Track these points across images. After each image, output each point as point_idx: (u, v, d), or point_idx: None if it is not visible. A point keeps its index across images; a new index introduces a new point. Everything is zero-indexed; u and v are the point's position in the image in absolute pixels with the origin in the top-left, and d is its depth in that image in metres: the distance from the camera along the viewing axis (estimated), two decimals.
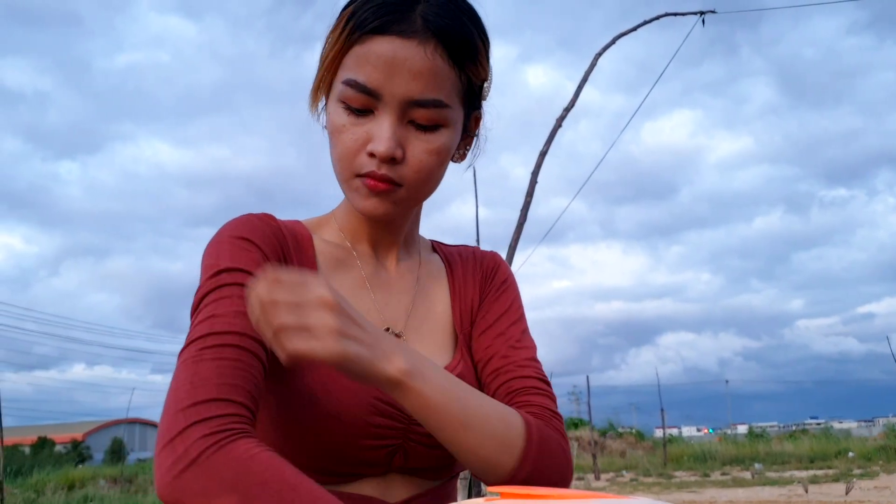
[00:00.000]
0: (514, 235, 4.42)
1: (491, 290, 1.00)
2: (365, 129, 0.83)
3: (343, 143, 0.84)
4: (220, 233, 0.85)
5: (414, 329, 0.94)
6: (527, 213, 4.52)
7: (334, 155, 0.86)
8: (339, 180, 0.87)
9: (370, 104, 0.82)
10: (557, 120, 4.75)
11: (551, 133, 4.71)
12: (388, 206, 0.85)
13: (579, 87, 4.84)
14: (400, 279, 0.96)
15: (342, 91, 0.83)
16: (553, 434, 0.84)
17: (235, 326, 0.76)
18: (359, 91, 0.81)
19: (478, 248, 1.07)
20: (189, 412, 0.69)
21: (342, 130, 0.84)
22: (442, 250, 1.04)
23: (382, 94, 0.81)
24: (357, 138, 0.83)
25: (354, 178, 0.84)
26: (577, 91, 4.83)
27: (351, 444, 0.83)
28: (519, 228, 4.46)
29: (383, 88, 0.81)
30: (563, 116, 4.75)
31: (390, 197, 0.84)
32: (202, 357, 0.73)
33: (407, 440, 0.86)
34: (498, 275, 1.02)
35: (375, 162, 0.82)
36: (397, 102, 0.81)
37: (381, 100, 0.82)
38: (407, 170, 0.84)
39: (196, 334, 0.76)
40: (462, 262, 1.02)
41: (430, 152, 0.84)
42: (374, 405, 0.83)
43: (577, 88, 4.84)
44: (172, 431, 0.68)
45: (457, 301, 0.99)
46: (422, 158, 0.84)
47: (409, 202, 0.88)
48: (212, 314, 0.77)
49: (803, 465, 15.97)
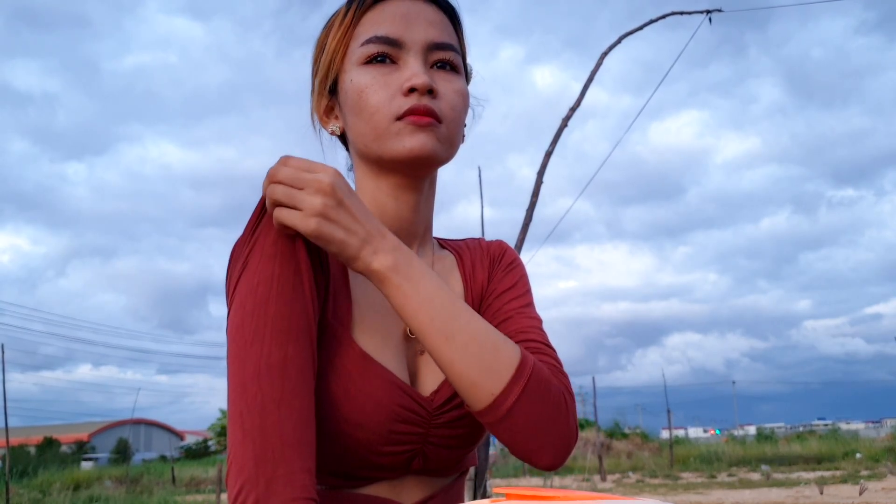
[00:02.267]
0: (519, 235, 4.40)
1: (498, 272, 0.99)
2: (393, 77, 0.85)
3: (376, 95, 0.84)
4: (262, 251, 0.78)
5: None
6: (532, 212, 4.50)
7: (368, 111, 0.85)
8: (375, 135, 0.85)
9: (393, 55, 0.85)
10: (563, 120, 4.72)
11: (557, 133, 4.69)
12: (434, 143, 0.84)
13: (585, 86, 4.81)
14: None
15: (363, 52, 0.86)
16: (552, 379, 0.81)
17: (289, 360, 0.74)
18: (382, 43, 0.85)
19: (481, 238, 1.06)
20: (259, 480, 0.69)
21: (371, 85, 0.85)
22: (450, 245, 1.03)
23: (405, 42, 0.86)
24: (389, 85, 0.84)
25: (394, 122, 0.84)
26: (582, 90, 4.81)
27: (371, 450, 0.82)
28: (524, 228, 4.44)
29: (404, 36, 0.86)
30: (569, 116, 4.73)
31: (435, 132, 0.84)
32: (266, 401, 0.71)
33: (426, 444, 0.85)
34: (505, 258, 1.01)
35: (415, 97, 0.83)
36: (419, 47, 0.86)
37: (404, 47, 0.86)
38: (444, 105, 0.86)
39: (251, 366, 0.73)
40: (470, 252, 1.02)
41: (457, 92, 0.88)
42: (397, 412, 0.82)
43: (583, 88, 4.81)
44: (245, 495, 0.68)
45: (468, 289, 0.98)
46: (452, 97, 0.87)
47: (448, 144, 0.87)
48: (261, 348, 0.73)
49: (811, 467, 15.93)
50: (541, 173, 4.62)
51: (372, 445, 0.81)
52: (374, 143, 0.85)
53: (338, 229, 0.74)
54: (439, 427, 0.85)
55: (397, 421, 0.82)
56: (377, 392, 0.81)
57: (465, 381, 0.77)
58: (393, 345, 0.88)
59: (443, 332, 0.76)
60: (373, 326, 0.86)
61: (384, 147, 0.85)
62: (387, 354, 0.85)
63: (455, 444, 0.87)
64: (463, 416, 0.87)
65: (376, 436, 0.81)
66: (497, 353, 0.77)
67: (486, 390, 0.76)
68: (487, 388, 0.76)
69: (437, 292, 0.77)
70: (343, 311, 0.84)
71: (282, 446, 0.70)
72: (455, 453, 0.88)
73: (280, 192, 0.74)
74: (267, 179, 0.75)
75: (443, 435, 0.86)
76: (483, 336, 0.78)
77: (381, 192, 0.90)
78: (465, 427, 0.88)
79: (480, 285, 0.98)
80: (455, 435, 0.87)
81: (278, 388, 0.72)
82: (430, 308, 0.76)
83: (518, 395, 0.77)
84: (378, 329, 0.87)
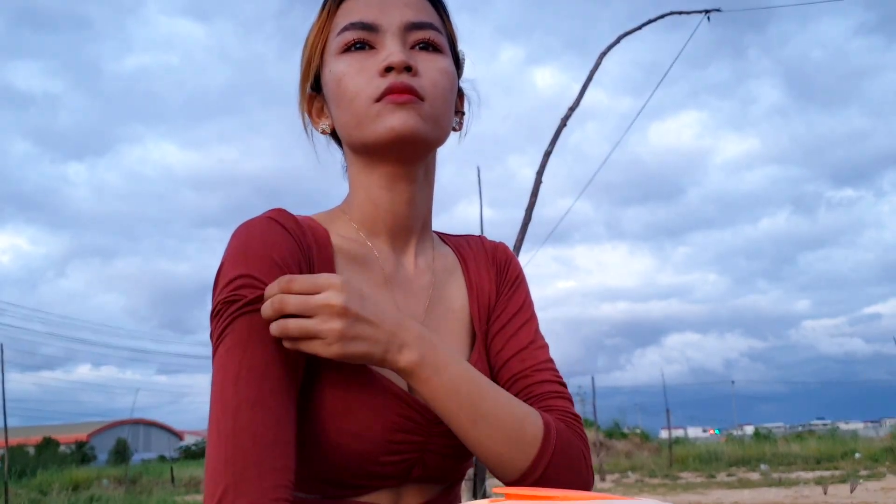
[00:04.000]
0: (518, 235, 4.40)
1: (505, 287, 0.97)
2: (371, 62, 0.83)
3: (353, 80, 0.83)
4: (244, 245, 0.79)
5: (433, 328, 0.90)
6: (531, 213, 4.51)
7: (347, 97, 0.83)
8: (357, 121, 0.83)
9: (370, 39, 0.84)
10: (562, 120, 4.72)
11: (556, 133, 4.69)
12: (416, 119, 0.82)
13: (584, 86, 4.81)
14: (419, 276, 0.92)
15: (339, 41, 0.85)
16: (574, 439, 0.83)
17: (271, 364, 0.74)
18: (356, 29, 0.84)
19: (484, 237, 1.04)
20: (228, 479, 0.69)
21: (347, 71, 0.84)
22: (451, 241, 1.01)
23: (380, 24, 0.84)
24: (366, 69, 0.83)
25: (373, 104, 0.82)
26: (581, 90, 4.81)
27: (370, 460, 0.81)
28: (524, 228, 4.44)
29: (379, 19, 0.84)
30: (568, 116, 4.73)
31: (416, 109, 0.82)
32: (241, 402, 0.71)
33: (425, 452, 0.84)
34: (510, 269, 0.99)
35: (392, 75, 0.82)
36: (396, 28, 0.84)
37: (380, 30, 0.84)
38: (425, 82, 0.84)
39: (231, 371, 0.73)
40: (474, 254, 0.99)
41: (439, 71, 0.86)
42: (395, 422, 0.81)
43: (582, 88, 4.81)
44: (214, 496, 0.68)
45: (474, 297, 0.96)
46: (433, 75, 0.85)
47: (433, 122, 0.84)
48: (244, 351, 0.74)
49: (810, 466, 15.94)
50: (540, 173, 4.62)
51: (371, 455, 0.80)
52: (356, 130, 0.84)
53: (361, 344, 0.73)
54: (439, 436, 0.84)
55: (396, 430, 0.81)
56: (375, 402, 0.80)
57: (493, 460, 0.78)
58: None
59: (470, 417, 0.76)
60: None
61: (366, 131, 0.83)
62: None
63: (455, 452, 0.86)
64: None
65: (375, 446, 0.80)
66: (522, 429, 0.78)
67: (514, 466, 0.78)
68: (515, 465, 0.78)
69: (463, 377, 0.77)
70: None
71: (253, 446, 0.69)
72: (455, 461, 0.87)
73: (294, 329, 0.71)
74: (270, 309, 0.72)
75: (443, 444, 0.85)
76: (507, 414, 0.78)
77: (374, 185, 0.88)
78: None
79: (487, 296, 0.96)
80: (455, 444, 0.85)
81: (255, 389, 0.72)
82: (458, 396, 0.76)
83: (545, 467, 0.79)
84: None
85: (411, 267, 0.92)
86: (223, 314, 0.75)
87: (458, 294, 0.95)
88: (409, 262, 0.92)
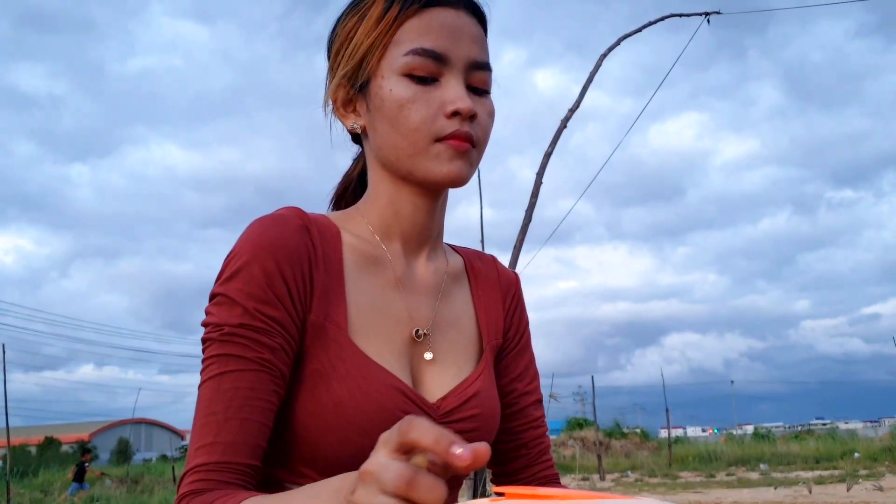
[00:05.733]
0: (518, 236, 4.43)
1: (514, 321, 1.01)
2: (435, 95, 0.84)
3: (418, 112, 0.83)
4: (252, 248, 0.81)
5: (441, 333, 0.92)
6: (531, 214, 4.54)
7: (407, 126, 0.83)
8: (412, 153, 0.84)
9: (436, 71, 0.84)
10: (562, 121, 4.76)
11: (556, 134, 4.72)
12: (469, 169, 0.85)
13: (584, 87, 4.85)
14: (429, 280, 0.94)
15: (406, 63, 0.83)
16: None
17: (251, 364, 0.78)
18: (428, 58, 0.83)
19: (496, 259, 1.07)
20: (195, 454, 0.76)
21: (413, 100, 0.83)
22: (462, 253, 1.03)
23: (450, 58, 0.84)
24: (431, 104, 0.83)
25: (434, 143, 0.83)
26: (581, 92, 4.84)
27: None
28: (524, 229, 4.48)
29: (451, 52, 0.84)
30: (568, 117, 4.76)
31: (469, 158, 0.85)
32: (219, 387, 0.77)
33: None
34: (519, 304, 1.03)
35: (457, 121, 0.83)
36: (462, 65, 0.85)
37: (448, 64, 0.84)
38: (479, 129, 0.86)
39: (217, 368, 0.78)
40: (485, 271, 1.02)
41: (490, 115, 0.88)
42: (399, 418, 0.79)
43: (582, 89, 4.84)
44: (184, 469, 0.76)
45: (482, 311, 0.98)
46: (486, 120, 0.87)
47: (475, 166, 0.87)
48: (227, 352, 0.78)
49: (809, 466, 15.94)
50: (540, 174, 4.65)
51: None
52: (408, 160, 0.85)
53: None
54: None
55: None
56: (381, 398, 0.81)
57: None
58: (396, 348, 0.87)
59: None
60: (374, 329, 0.86)
61: (419, 166, 0.84)
62: (389, 358, 0.85)
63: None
64: (472, 430, 0.87)
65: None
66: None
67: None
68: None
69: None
70: (338, 313, 0.84)
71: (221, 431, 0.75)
72: None
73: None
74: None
75: None
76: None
77: (398, 197, 0.90)
78: (473, 439, 0.85)
79: (496, 318, 0.99)
80: None
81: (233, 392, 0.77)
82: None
83: None
84: (380, 332, 0.86)
85: (423, 271, 0.93)
86: (209, 333, 0.80)
87: (465, 304, 0.97)
88: (420, 266, 0.93)
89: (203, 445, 0.75)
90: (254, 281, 0.79)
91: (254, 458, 0.77)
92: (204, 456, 0.74)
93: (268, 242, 0.81)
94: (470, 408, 0.88)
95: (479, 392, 0.90)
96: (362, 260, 0.89)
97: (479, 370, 0.92)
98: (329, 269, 0.85)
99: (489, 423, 0.91)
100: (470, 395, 0.89)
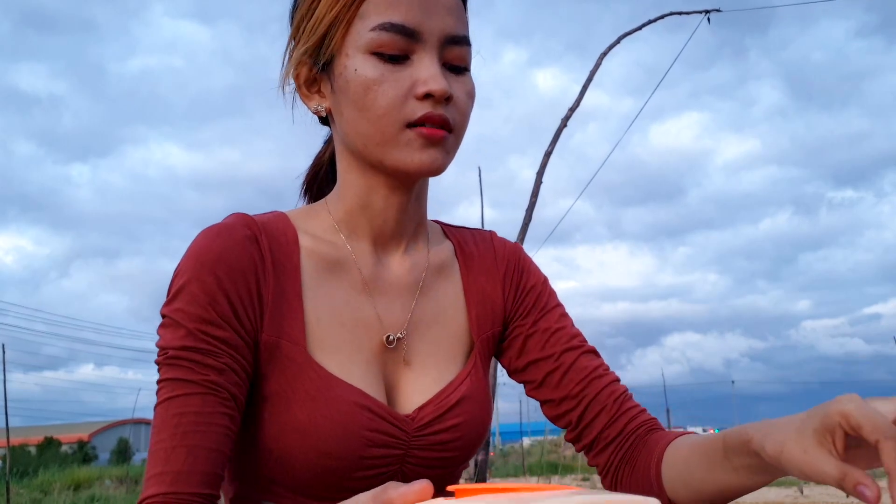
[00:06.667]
0: (519, 236, 4.42)
1: (520, 293, 0.92)
2: (405, 74, 0.75)
3: (385, 95, 0.75)
4: (193, 265, 0.76)
5: (419, 335, 0.85)
6: (532, 213, 4.53)
7: (375, 111, 0.75)
8: (380, 140, 0.76)
9: (407, 48, 0.75)
10: (562, 120, 4.75)
11: (556, 133, 4.71)
12: (444, 157, 0.77)
13: (584, 86, 4.84)
14: (405, 276, 0.86)
15: (372, 39, 0.75)
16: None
17: (202, 387, 0.73)
18: (397, 33, 0.74)
19: (495, 234, 0.97)
20: (146, 484, 0.72)
21: (381, 81, 0.75)
22: (454, 236, 0.93)
23: (422, 33, 0.75)
24: (400, 85, 0.75)
25: (404, 129, 0.75)
26: (581, 91, 4.83)
27: (344, 476, 0.77)
28: (524, 228, 4.47)
29: (423, 26, 0.75)
30: (568, 116, 4.75)
31: (445, 145, 0.77)
32: (166, 413, 0.73)
33: (405, 464, 0.80)
34: (524, 271, 0.93)
35: (430, 104, 0.75)
36: (437, 40, 0.76)
37: (421, 39, 0.75)
38: (456, 112, 0.78)
39: (165, 393, 0.74)
40: (479, 253, 0.92)
41: (468, 94, 0.80)
42: (368, 437, 0.77)
43: (582, 89, 4.83)
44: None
45: (472, 301, 0.89)
46: (464, 101, 0.79)
47: (453, 153, 0.80)
48: (178, 376, 0.74)
49: None
50: (540, 173, 4.64)
51: (342, 472, 0.77)
52: (377, 148, 0.77)
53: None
54: (421, 448, 0.80)
55: (369, 446, 0.77)
56: (343, 418, 0.76)
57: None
58: (365, 359, 0.81)
59: None
60: (336, 342, 0.79)
61: (388, 154, 0.77)
62: (355, 372, 0.79)
63: (440, 464, 0.82)
64: (453, 440, 0.82)
65: (348, 462, 0.76)
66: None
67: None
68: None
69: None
70: (294, 329, 0.78)
71: (171, 457, 0.71)
72: (435, 472, 0.80)
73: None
74: None
75: (425, 457, 0.80)
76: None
77: (368, 189, 0.82)
78: (454, 450, 0.83)
79: (491, 303, 0.90)
80: (440, 457, 0.81)
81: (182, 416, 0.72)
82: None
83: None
84: (343, 344, 0.80)
85: (396, 267, 0.86)
86: (158, 357, 0.76)
87: (452, 295, 0.89)
88: (394, 264, 0.86)
89: (152, 476, 0.71)
90: (195, 301, 0.74)
91: (205, 486, 0.71)
92: (154, 487, 0.70)
93: (209, 258, 0.75)
94: (452, 416, 0.82)
95: (463, 398, 0.83)
96: (322, 264, 0.82)
97: (465, 371, 0.86)
98: (282, 280, 0.79)
99: (474, 428, 0.84)
100: (452, 403, 0.82)
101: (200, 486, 0.71)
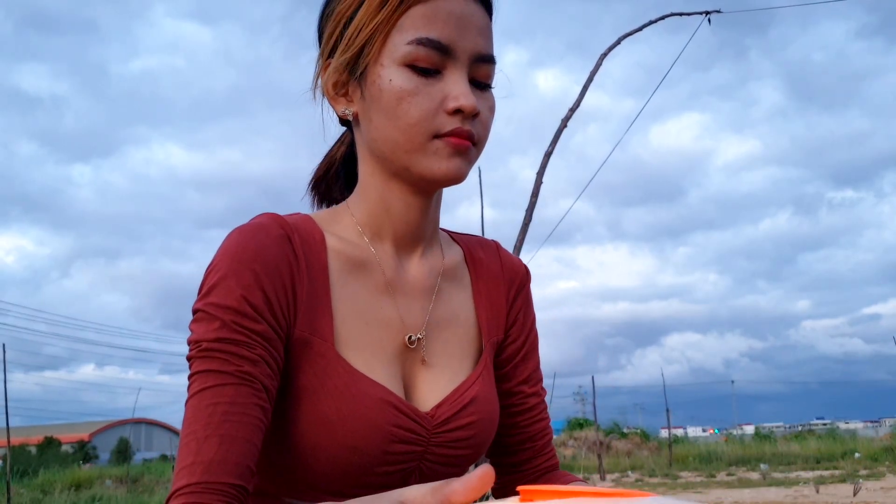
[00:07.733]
0: (519, 236, 4.43)
1: (519, 317, 0.97)
2: (437, 88, 0.80)
3: (418, 106, 0.79)
4: (230, 261, 0.77)
5: (435, 336, 0.89)
6: (532, 213, 4.54)
7: (406, 121, 0.79)
8: (409, 148, 0.80)
9: (440, 63, 0.80)
10: (563, 120, 4.76)
11: (556, 133, 4.72)
12: (467, 167, 0.82)
13: (584, 87, 4.85)
14: (423, 279, 0.89)
15: (409, 52, 0.79)
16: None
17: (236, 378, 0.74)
18: (433, 48, 0.79)
19: (500, 246, 1.01)
20: (177, 476, 0.71)
21: (414, 93, 0.79)
22: (462, 242, 0.97)
23: (455, 50, 0.80)
24: (433, 98, 0.79)
25: (433, 140, 0.80)
26: (582, 91, 4.84)
27: (366, 471, 0.79)
28: (524, 229, 4.48)
29: (456, 44, 0.80)
30: (569, 117, 4.76)
31: (469, 156, 0.82)
32: (199, 404, 0.72)
33: (423, 461, 0.83)
34: (527, 298, 0.99)
35: (458, 119, 0.79)
36: (467, 58, 0.81)
37: (453, 56, 0.80)
38: (480, 126, 0.83)
39: (198, 385, 0.74)
40: (487, 261, 0.97)
41: (491, 109, 0.85)
42: (393, 433, 0.79)
43: (583, 89, 4.85)
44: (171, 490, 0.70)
45: (482, 306, 0.94)
46: (487, 116, 0.84)
47: (473, 163, 0.85)
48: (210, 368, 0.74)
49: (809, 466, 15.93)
50: (540, 173, 4.65)
51: (367, 467, 0.79)
52: (405, 156, 0.81)
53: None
54: (439, 446, 0.83)
55: (393, 441, 0.79)
56: (370, 413, 0.78)
57: None
58: (388, 357, 0.84)
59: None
60: (362, 340, 0.82)
61: (415, 162, 0.80)
62: (378, 369, 0.82)
63: (456, 461, 0.85)
64: (468, 438, 0.85)
65: (371, 457, 0.79)
66: None
67: None
68: None
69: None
70: (323, 326, 0.80)
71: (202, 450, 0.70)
72: (453, 470, 0.85)
73: None
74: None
75: (442, 454, 0.83)
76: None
77: (390, 194, 0.85)
78: (468, 448, 0.86)
79: (498, 312, 0.95)
80: (455, 454, 0.84)
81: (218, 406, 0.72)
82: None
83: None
84: (369, 342, 0.83)
85: (415, 270, 0.89)
86: (190, 351, 0.76)
87: (464, 299, 0.93)
88: (413, 266, 0.89)
89: (184, 467, 0.70)
90: (231, 294, 0.75)
91: (237, 477, 0.71)
92: (185, 478, 0.69)
93: (246, 255, 0.77)
94: (466, 415, 0.85)
95: (476, 397, 0.87)
96: (349, 265, 0.85)
97: (476, 372, 0.89)
98: (313, 279, 0.81)
99: (486, 427, 0.88)
100: (466, 402, 0.86)
101: (233, 477, 0.70)
